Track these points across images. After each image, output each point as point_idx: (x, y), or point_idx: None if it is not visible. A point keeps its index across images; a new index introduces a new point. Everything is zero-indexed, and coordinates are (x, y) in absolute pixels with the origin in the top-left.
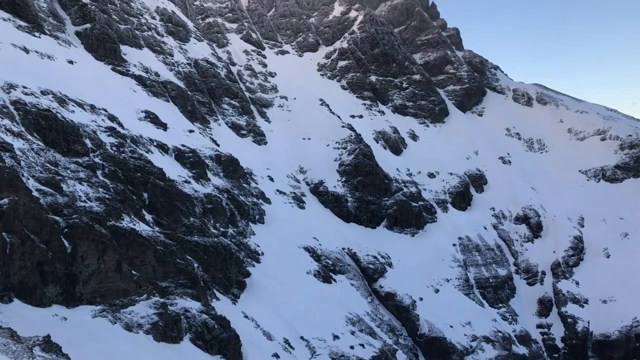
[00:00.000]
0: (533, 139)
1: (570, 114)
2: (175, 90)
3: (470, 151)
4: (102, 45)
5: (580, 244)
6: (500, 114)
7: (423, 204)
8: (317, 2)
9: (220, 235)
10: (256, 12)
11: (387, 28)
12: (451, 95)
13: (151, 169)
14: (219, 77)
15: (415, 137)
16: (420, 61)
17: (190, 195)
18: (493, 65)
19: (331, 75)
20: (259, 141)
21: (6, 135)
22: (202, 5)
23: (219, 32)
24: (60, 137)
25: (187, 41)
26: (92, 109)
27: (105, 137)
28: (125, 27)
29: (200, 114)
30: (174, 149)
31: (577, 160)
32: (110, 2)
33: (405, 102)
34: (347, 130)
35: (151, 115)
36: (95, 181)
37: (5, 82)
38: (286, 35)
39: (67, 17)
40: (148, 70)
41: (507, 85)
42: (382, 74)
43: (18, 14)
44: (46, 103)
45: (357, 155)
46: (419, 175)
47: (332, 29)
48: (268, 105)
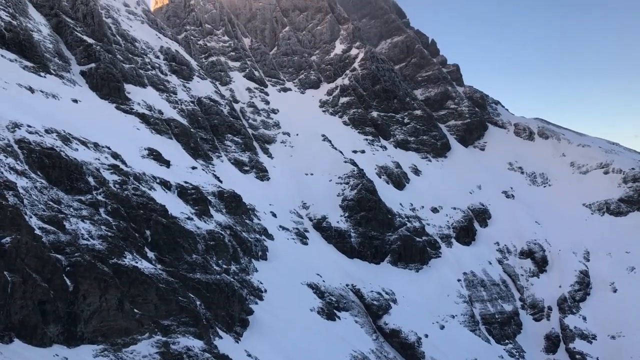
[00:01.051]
0: (536, 173)
1: (572, 147)
2: (178, 127)
3: (474, 185)
4: (107, 84)
5: (587, 278)
6: (502, 148)
7: (427, 239)
8: (319, 40)
9: (222, 273)
10: (259, 51)
11: (387, 65)
12: (453, 130)
13: (154, 206)
14: (222, 115)
15: (418, 171)
16: (421, 97)
17: (193, 232)
18: (494, 100)
19: (333, 112)
20: (261, 177)
21: (10, 174)
22: (206, 44)
23: (222, 70)
24: (64, 175)
25: (190, 79)
26: (95, 147)
27: (109, 175)
28: (129, 66)
29: (203, 150)
30: (176, 186)
31: (580, 193)
32: (115, 42)
33: (407, 137)
34: (349, 166)
35: (154, 153)
36: (98, 219)
37: (10, 122)
38: (288, 72)
39: (72, 57)
40: (152, 109)
41: (509, 120)
42: (384, 109)
43: (24, 55)
44: (50, 141)
45: (360, 190)
46: (423, 210)
47: (333, 67)
48: (270, 142)
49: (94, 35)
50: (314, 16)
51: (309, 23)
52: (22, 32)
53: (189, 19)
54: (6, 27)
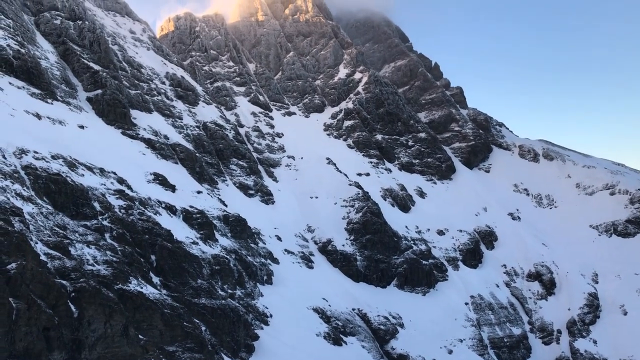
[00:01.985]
0: (542, 194)
1: (577, 169)
2: (183, 152)
3: (479, 208)
4: (113, 110)
5: (596, 300)
6: (507, 170)
7: (433, 262)
8: (323, 65)
9: (228, 297)
10: (263, 76)
11: (391, 88)
12: (457, 152)
13: (159, 230)
14: (227, 139)
15: (423, 194)
16: (425, 119)
17: (198, 256)
18: (498, 122)
19: (337, 135)
20: (266, 201)
21: (16, 200)
22: (211, 70)
23: (227, 95)
24: (70, 200)
25: (196, 105)
26: (101, 172)
27: (114, 200)
28: (135, 92)
29: (209, 175)
30: (182, 211)
31: (587, 215)
32: (122, 68)
33: (411, 159)
34: (354, 188)
35: (160, 178)
36: (103, 244)
37: (17, 148)
38: (293, 97)
39: (79, 84)
40: (157, 134)
41: (513, 142)
42: (388, 132)
43: (32, 82)
44: (56, 167)
45: (365, 213)
46: (428, 232)
47: (337, 91)
48: (275, 165)
49: (101, 62)
50: (317, 41)
51: (312, 48)
52: (30, 60)
53: (195, 45)
54: (14, 55)
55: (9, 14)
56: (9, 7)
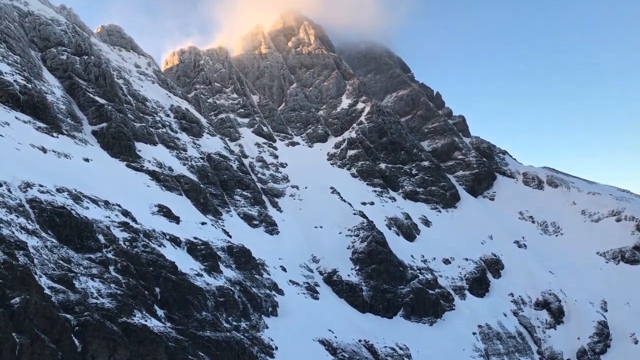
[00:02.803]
0: (547, 221)
1: (582, 195)
2: (188, 183)
3: (485, 236)
4: (118, 143)
5: (606, 329)
6: (511, 197)
7: (440, 291)
8: (326, 95)
9: (232, 330)
10: (267, 107)
11: (394, 118)
12: (461, 180)
13: (163, 262)
14: (232, 170)
15: (428, 222)
16: (429, 148)
17: (202, 288)
18: (501, 150)
19: (341, 164)
20: (270, 231)
21: (21, 234)
22: (215, 102)
23: (231, 126)
24: (74, 233)
25: (200, 136)
26: (106, 204)
27: (119, 232)
28: (140, 125)
29: (213, 206)
30: (186, 242)
31: (593, 242)
32: (127, 102)
33: (415, 188)
34: (359, 218)
35: (164, 209)
36: (108, 277)
37: (23, 182)
38: (296, 127)
39: (84, 118)
40: (162, 166)
41: (517, 169)
42: (391, 161)
43: (38, 116)
44: (61, 200)
45: (370, 242)
46: (434, 261)
47: (340, 120)
48: (279, 195)
49: (106, 96)
50: (320, 73)
51: (315, 79)
52: (36, 95)
53: (199, 78)
54: (21, 90)
55: (16, 50)
56: (17, 44)
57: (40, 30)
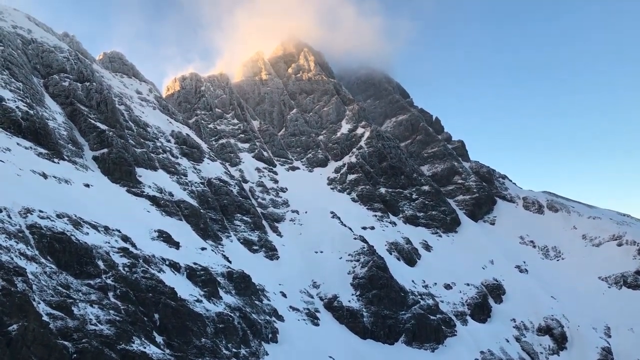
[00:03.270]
0: (548, 246)
1: (583, 220)
2: (188, 209)
3: (486, 260)
4: (118, 168)
5: (610, 355)
6: (512, 222)
7: (441, 317)
8: (325, 121)
9: (232, 357)
10: (267, 132)
11: (393, 142)
12: (461, 205)
13: (163, 288)
14: (232, 195)
15: (429, 247)
16: (428, 173)
17: (202, 314)
18: (500, 174)
19: (341, 189)
20: (270, 256)
21: (20, 259)
22: (216, 127)
23: (232, 151)
24: (74, 259)
25: (200, 161)
26: (105, 230)
27: (118, 258)
28: (141, 150)
29: (213, 231)
30: (185, 268)
31: (595, 266)
32: (128, 127)
33: (416, 212)
34: (359, 242)
35: (164, 235)
36: (107, 303)
37: (23, 207)
38: (296, 152)
39: (85, 143)
40: (162, 191)
41: (517, 194)
42: (392, 185)
43: (39, 142)
44: (61, 226)
45: (371, 267)
46: (435, 286)
47: (340, 145)
48: (280, 220)
49: (107, 122)
50: (320, 98)
51: (315, 105)
52: (38, 121)
53: (200, 104)
54: (23, 116)
55: (19, 77)
56: (20, 71)
57: (43, 57)
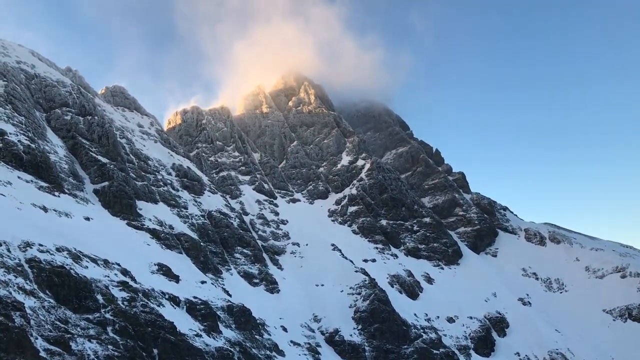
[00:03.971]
0: (551, 278)
1: (585, 252)
2: (188, 241)
3: (489, 293)
4: (119, 201)
5: None
6: (514, 254)
7: (445, 350)
8: (326, 153)
9: None
10: (268, 165)
11: (394, 174)
12: (463, 237)
13: (162, 323)
14: (232, 227)
15: (431, 280)
16: (429, 204)
17: (202, 349)
18: (501, 206)
19: (342, 221)
20: (271, 289)
21: (18, 294)
22: (217, 160)
23: (232, 184)
24: (72, 293)
25: (201, 194)
26: (105, 263)
27: (117, 292)
28: (142, 183)
29: (213, 264)
30: (185, 301)
31: (599, 299)
32: (129, 160)
33: (417, 244)
34: (360, 275)
35: (164, 268)
36: (105, 338)
37: (22, 241)
38: (297, 184)
39: (86, 177)
40: (162, 224)
41: (519, 226)
42: (392, 217)
43: (40, 176)
44: (60, 260)
45: (373, 300)
46: (438, 320)
47: (341, 177)
48: (280, 253)
49: (108, 155)
50: (320, 131)
51: (316, 137)
52: (40, 154)
53: (201, 137)
54: (25, 150)
55: (22, 111)
56: (22, 105)
57: (46, 91)
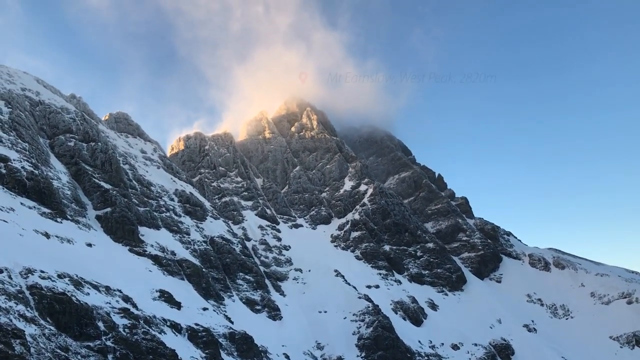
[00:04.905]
0: (556, 304)
1: (590, 277)
2: (190, 268)
3: (493, 320)
4: (121, 227)
5: None
6: (518, 279)
7: None
8: (328, 178)
9: None
10: (270, 190)
11: (397, 199)
12: (467, 262)
13: (163, 350)
14: (234, 253)
15: (435, 306)
16: (433, 230)
17: None
18: (505, 231)
19: (345, 246)
20: (273, 316)
21: (19, 322)
22: (219, 185)
23: (235, 209)
24: (74, 320)
25: (203, 220)
26: (107, 290)
27: (119, 319)
28: (144, 209)
29: (215, 290)
30: (187, 329)
31: (605, 325)
32: (132, 186)
33: (421, 270)
34: (364, 302)
35: (165, 295)
36: None
37: (24, 268)
38: (299, 209)
39: (89, 203)
40: (164, 250)
41: (522, 251)
42: (396, 243)
43: (43, 202)
44: (62, 286)
45: (376, 327)
46: (443, 347)
47: (343, 202)
48: (283, 279)
49: (111, 181)
50: (323, 156)
51: (318, 162)
52: (43, 181)
53: (204, 162)
54: (28, 176)
55: (25, 137)
56: (27, 132)
57: (50, 118)
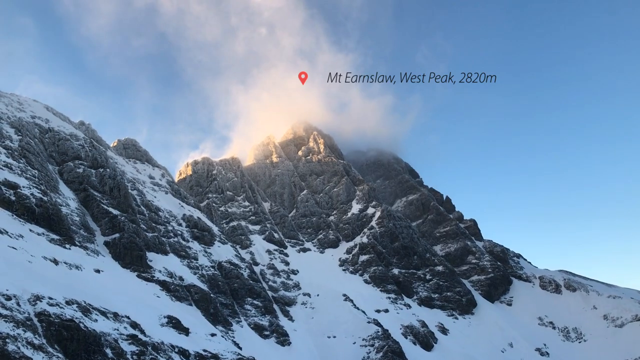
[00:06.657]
0: (568, 327)
1: (602, 299)
2: (198, 293)
3: (505, 343)
4: (129, 253)
5: None
6: (529, 302)
7: None
8: (336, 201)
9: None
10: (278, 214)
11: (405, 222)
12: (477, 285)
13: None
14: (242, 278)
15: (445, 330)
16: (441, 252)
17: None
18: (515, 253)
19: (353, 270)
20: (282, 342)
21: (27, 349)
22: (227, 210)
23: (243, 234)
24: (81, 347)
25: (211, 245)
26: (115, 316)
27: (127, 346)
28: (152, 234)
29: (223, 316)
30: (195, 355)
31: (619, 349)
32: (140, 212)
33: (430, 294)
34: (373, 326)
35: (173, 321)
36: None
37: (32, 294)
38: (307, 233)
39: (97, 229)
40: (172, 275)
41: (533, 273)
42: (404, 266)
43: (52, 228)
44: (70, 313)
45: (386, 352)
46: None
47: (351, 226)
48: (291, 303)
49: (120, 207)
50: (330, 179)
51: (325, 186)
52: (52, 207)
53: (211, 187)
54: (37, 203)
55: (35, 164)
56: (36, 159)
57: (59, 145)
